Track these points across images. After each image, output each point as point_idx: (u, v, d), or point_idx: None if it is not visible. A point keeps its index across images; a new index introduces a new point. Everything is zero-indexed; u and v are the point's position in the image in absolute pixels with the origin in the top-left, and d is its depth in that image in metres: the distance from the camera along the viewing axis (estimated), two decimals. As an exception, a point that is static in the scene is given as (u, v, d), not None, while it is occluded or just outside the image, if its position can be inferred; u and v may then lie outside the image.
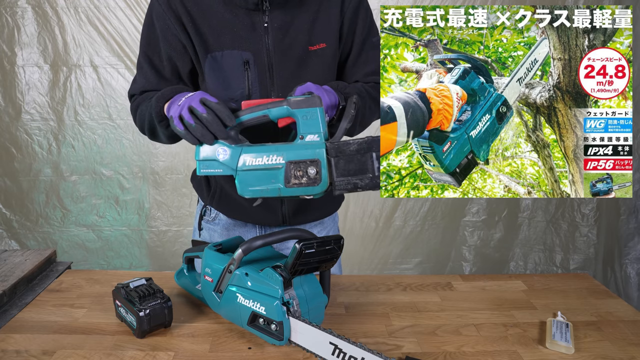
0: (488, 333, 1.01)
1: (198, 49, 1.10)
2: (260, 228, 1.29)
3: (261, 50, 1.10)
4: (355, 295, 1.17)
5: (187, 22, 1.09)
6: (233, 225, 1.29)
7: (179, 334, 0.99)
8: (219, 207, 1.28)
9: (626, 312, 1.11)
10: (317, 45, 1.12)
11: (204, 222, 1.33)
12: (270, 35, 1.10)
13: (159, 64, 1.14)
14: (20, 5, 2.41)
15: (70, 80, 2.52)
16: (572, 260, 2.79)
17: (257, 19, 1.09)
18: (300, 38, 1.11)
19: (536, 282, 1.26)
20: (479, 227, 2.80)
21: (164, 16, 1.10)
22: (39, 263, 1.30)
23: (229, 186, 1.23)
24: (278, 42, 1.10)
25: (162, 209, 2.67)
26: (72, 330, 0.99)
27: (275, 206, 1.23)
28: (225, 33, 1.09)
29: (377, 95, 1.15)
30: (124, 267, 2.73)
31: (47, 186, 2.63)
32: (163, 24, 1.11)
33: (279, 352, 0.92)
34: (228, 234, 1.29)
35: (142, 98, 1.14)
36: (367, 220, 2.75)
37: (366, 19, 1.18)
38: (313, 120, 0.89)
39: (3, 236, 2.69)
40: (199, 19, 1.09)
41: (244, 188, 0.92)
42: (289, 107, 0.90)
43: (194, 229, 1.38)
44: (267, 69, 1.11)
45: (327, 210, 1.33)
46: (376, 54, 1.19)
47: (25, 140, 2.58)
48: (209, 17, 1.09)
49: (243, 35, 1.09)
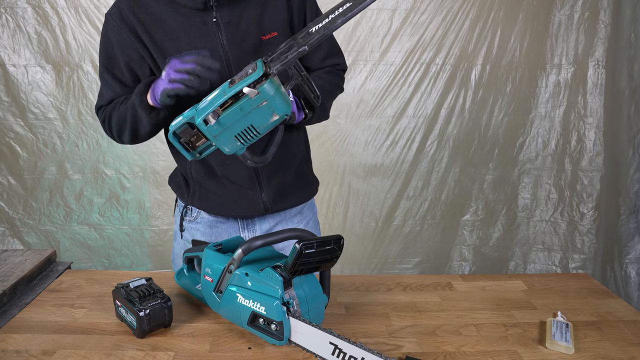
0: (488, 333, 1.01)
1: (156, 56, 1.13)
2: (243, 221, 1.30)
3: (217, 46, 1.13)
4: (355, 295, 1.17)
5: (142, 33, 1.12)
6: (215, 222, 1.30)
7: (179, 334, 0.99)
8: (200, 204, 1.28)
9: (626, 312, 1.11)
10: (269, 34, 1.16)
11: (186, 223, 1.33)
12: (222, 31, 1.13)
13: (121, 76, 1.18)
14: (20, 5, 2.42)
15: (72, 80, 2.52)
16: (571, 259, 2.79)
17: (207, 17, 1.12)
18: (251, 29, 1.14)
19: (536, 282, 1.26)
20: (478, 226, 2.81)
21: (118, 30, 1.13)
22: (39, 263, 1.30)
23: (208, 182, 1.25)
24: (231, 36, 1.13)
25: (162, 208, 2.68)
26: (72, 330, 1.00)
27: (255, 196, 1.25)
28: (180, 37, 1.12)
29: (333, 79, 1.24)
30: (126, 266, 2.74)
31: (51, 184, 2.64)
32: (118, 37, 1.14)
33: (279, 352, 0.92)
34: (211, 232, 1.30)
35: (114, 104, 1.19)
36: (367, 220, 2.75)
37: (312, 4, 1.23)
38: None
39: (5, 234, 2.70)
40: (153, 27, 1.12)
41: (200, 114, 0.93)
42: None
43: (174, 233, 1.38)
44: (226, 64, 1.14)
45: (304, 194, 1.35)
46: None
47: (30, 139, 2.59)
48: (162, 23, 1.12)
49: (197, 34, 1.12)
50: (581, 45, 2.58)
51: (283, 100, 0.93)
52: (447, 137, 2.68)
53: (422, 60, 2.58)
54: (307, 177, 1.37)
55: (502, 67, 2.60)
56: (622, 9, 2.50)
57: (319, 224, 1.45)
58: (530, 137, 2.71)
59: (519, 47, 2.58)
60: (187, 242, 1.32)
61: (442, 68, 2.59)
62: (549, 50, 2.59)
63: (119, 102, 1.18)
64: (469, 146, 2.70)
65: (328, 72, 1.27)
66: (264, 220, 1.30)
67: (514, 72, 2.61)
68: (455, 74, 2.60)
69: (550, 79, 2.63)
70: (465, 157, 2.71)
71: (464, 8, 2.52)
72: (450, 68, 2.59)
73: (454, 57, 2.57)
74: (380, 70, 2.59)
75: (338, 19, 0.88)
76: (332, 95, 1.27)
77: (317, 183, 1.41)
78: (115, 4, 1.14)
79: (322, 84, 1.20)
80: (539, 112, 2.67)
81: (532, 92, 2.65)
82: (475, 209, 2.79)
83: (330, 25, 0.89)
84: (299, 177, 1.32)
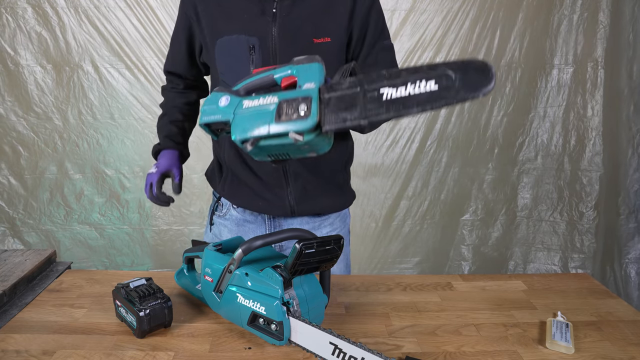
0: (488, 333, 1.01)
1: (208, 33, 1.17)
2: (270, 220, 1.29)
3: (267, 37, 1.12)
4: (355, 295, 1.17)
5: (202, 9, 1.17)
6: (243, 221, 1.30)
7: (179, 334, 0.99)
8: (230, 194, 1.29)
9: (626, 312, 1.11)
10: (322, 38, 1.13)
11: (216, 217, 1.35)
12: (276, 22, 1.12)
13: (179, 47, 1.27)
14: (20, 5, 2.42)
15: (73, 80, 2.53)
16: (571, 259, 2.79)
17: (267, 5, 1.12)
18: (305, 28, 1.13)
19: (536, 282, 1.26)
20: (477, 226, 2.81)
21: (185, 3, 1.20)
22: (39, 263, 1.30)
23: (240, 169, 1.25)
24: (283, 30, 1.12)
25: (162, 208, 2.68)
26: (72, 330, 1.00)
27: (281, 193, 1.23)
28: (235, 18, 1.14)
29: None
30: (126, 265, 2.74)
31: (52, 184, 2.64)
32: (182, 10, 1.22)
33: (279, 352, 0.92)
34: (238, 230, 1.30)
35: (162, 114, 1.38)
36: (367, 220, 2.75)
37: (378, 20, 1.19)
38: (311, 72, 0.85)
39: (6, 234, 2.70)
40: (213, 4, 1.16)
41: (236, 130, 0.88)
42: (291, 65, 0.88)
43: (206, 225, 1.40)
44: (272, 56, 1.13)
45: (335, 203, 1.32)
46: (386, 57, 1.21)
47: (31, 138, 2.59)
48: (223, 3, 1.15)
49: (252, 20, 1.13)
50: (580, 45, 2.58)
51: (326, 142, 0.86)
52: (447, 137, 2.68)
53: (422, 60, 2.58)
54: (341, 185, 1.33)
55: (501, 67, 2.60)
56: (621, 9, 2.50)
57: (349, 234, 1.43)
58: (530, 137, 2.71)
59: (518, 47, 2.58)
60: (215, 236, 1.34)
61: (442, 68, 2.59)
62: (549, 50, 2.60)
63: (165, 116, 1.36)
64: (468, 146, 2.70)
65: None
66: (290, 225, 1.28)
67: (514, 72, 2.62)
68: (455, 74, 2.60)
69: (549, 79, 2.64)
70: (464, 157, 2.71)
71: (464, 8, 2.52)
72: (450, 68, 2.59)
73: (454, 57, 2.57)
74: (381, 70, 2.59)
75: (414, 106, 0.70)
76: None
77: (352, 195, 1.36)
78: None
79: None
80: (539, 112, 2.68)
81: (531, 92, 2.65)
82: (474, 209, 2.79)
83: (406, 105, 0.72)
84: (331, 182, 1.28)
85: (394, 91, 0.71)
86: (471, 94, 0.66)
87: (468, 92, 0.66)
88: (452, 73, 0.67)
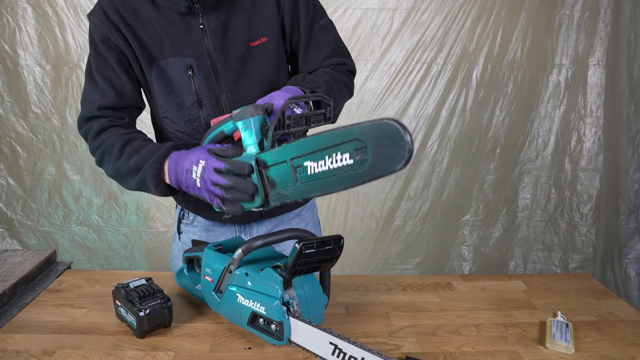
0: (488, 333, 1.01)
1: (141, 59, 1.08)
2: (239, 226, 1.28)
3: (203, 54, 1.08)
4: (355, 295, 1.17)
5: (127, 33, 1.06)
6: (212, 226, 1.28)
7: (179, 334, 0.99)
8: (195, 210, 1.27)
9: (626, 312, 1.11)
10: (258, 40, 1.10)
11: (183, 225, 1.32)
12: (208, 37, 1.08)
13: (113, 76, 1.09)
14: (20, 5, 2.42)
15: (71, 80, 2.52)
16: (571, 259, 2.79)
17: (193, 22, 1.06)
18: (239, 36, 1.09)
19: (536, 282, 1.26)
20: (478, 226, 2.80)
21: (102, 27, 1.06)
22: (39, 263, 1.30)
23: None
24: (218, 43, 1.08)
25: (160, 210, 2.67)
26: (72, 330, 0.99)
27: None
28: (165, 41, 1.07)
29: (340, 76, 1.14)
30: (124, 267, 2.74)
31: (50, 185, 2.64)
32: (102, 35, 1.07)
33: (279, 352, 0.92)
34: (208, 235, 1.28)
35: (115, 138, 1.06)
36: (367, 220, 2.74)
37: (309, 4, 1.15)
38: (249, 131, 0.89)
39: (4, 235, 2.69)
40: (139, 29, 1.06)
41: None
42: (232, 121, 0.92)
43: (173, 234, 1.37)
44: (212, 72, 1.09)
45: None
46: (328, 37, 1.17)
47: (30, 139, 2.58)
48: (146, 25, 1.06)
49: (182, 40, 1.07)
50: (581, 45, 2.58)
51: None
52: (448, 138, 2.68)
53: (423, 60, 2.58)
54: None
55: (503, 67, 2.60)
56: (623, 8, 2.50)
57: (319, 224, 1.43)
58: (531, 137, 2.71)
59: (520, 47, 2.57)
60: (185, 244, 1.32)
61: (443, 68, 2.59)
62: (550, 50, 2.59)
63: (132, 140, 1.05)
64: (469, 146, 2.70)
65: (334, 69, 1.15)
66: (261, 225, 1.28)
67: (516, 72, 2.61)
68: (456, 74, 2.60)
69: (550, 78, 2.63)
70: (466, 158, 2.71)
71: (465, 7, 2.52)
72: (451, 68, 2.59)
73: (455, 56, 2.57)
74: (381, 70, 2.58)
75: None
76: (340, 95, 1.14)
77: None
78: (98, 4, 1.08)
79: (329, 80, 1.09)
80: (539, 112, 2.67)
81: (533, 92, 2.65)
82: (475, 209, 2.79)
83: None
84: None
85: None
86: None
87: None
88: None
